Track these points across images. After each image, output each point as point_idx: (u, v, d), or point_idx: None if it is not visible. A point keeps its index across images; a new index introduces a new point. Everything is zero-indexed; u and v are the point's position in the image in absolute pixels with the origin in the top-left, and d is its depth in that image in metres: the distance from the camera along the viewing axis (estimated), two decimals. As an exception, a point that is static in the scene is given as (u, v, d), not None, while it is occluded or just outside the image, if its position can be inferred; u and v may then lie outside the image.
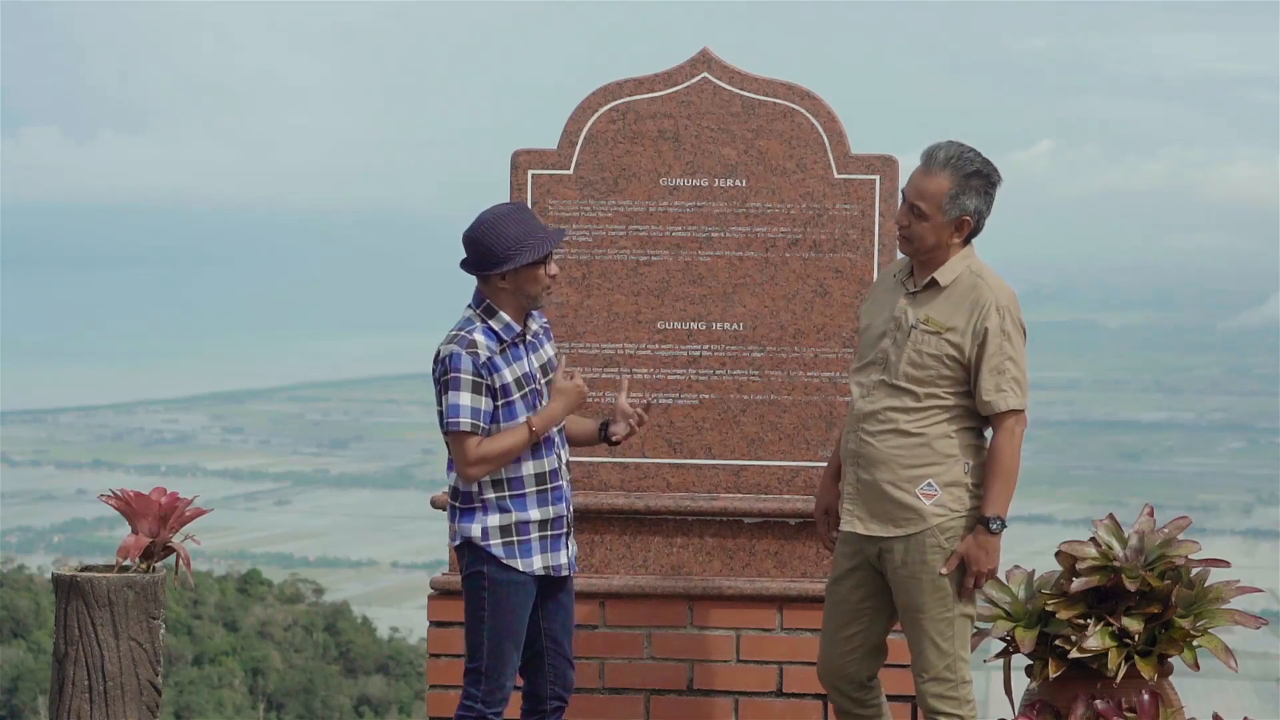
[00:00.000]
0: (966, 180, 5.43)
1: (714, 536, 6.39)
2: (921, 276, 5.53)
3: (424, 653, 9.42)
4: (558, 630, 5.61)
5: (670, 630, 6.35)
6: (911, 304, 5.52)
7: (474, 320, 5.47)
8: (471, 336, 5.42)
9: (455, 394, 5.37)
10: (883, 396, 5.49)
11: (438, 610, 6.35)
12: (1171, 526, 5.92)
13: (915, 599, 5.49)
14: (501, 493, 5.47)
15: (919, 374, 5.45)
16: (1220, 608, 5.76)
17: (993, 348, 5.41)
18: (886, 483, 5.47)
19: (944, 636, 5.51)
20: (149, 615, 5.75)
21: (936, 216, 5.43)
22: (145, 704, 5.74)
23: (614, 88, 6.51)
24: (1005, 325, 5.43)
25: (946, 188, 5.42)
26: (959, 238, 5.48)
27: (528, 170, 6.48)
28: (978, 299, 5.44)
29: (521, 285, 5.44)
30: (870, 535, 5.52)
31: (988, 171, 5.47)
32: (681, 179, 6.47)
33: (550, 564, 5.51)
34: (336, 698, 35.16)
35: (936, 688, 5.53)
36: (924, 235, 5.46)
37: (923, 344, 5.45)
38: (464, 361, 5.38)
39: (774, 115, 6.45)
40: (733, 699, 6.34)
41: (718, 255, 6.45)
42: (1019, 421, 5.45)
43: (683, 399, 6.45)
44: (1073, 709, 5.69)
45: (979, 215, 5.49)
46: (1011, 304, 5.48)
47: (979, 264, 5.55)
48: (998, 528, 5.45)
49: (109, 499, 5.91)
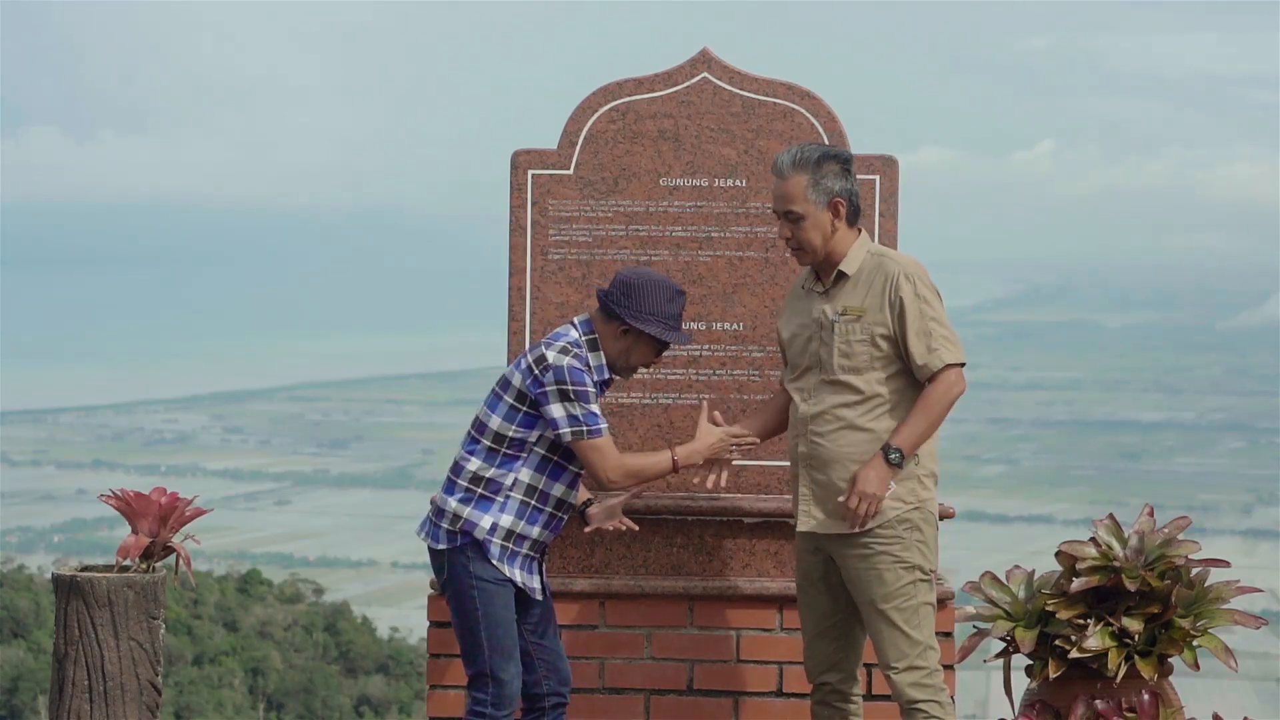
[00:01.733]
0: (818, 167, 5.55)
1: (714, 536, 6.39)
2: (827, 273, 5.64)
3: (424, 653, 9.44)
4: (539, 624, 5.68)
5: (670, 630, 6.35)
6: (826, 301, 5.62)
7: (582, 344, 5.60)
8: (585, 356, 5.58)
9: (585, 404, 5.50)
10: (825, 396, 5.58)
11: (438, 610, 6.34)
12: (1171, 526, 5.92)
13: (878, 590, 5.53)
14: (528, 499, 5.58)
15: (853, 363, 5.54)
16: (1220, 608, 5.77)
17: (912, 313, 5.50)
18: (842, 480, 5.53)
19: (912, 625, 5.55)
20: (149, 615, 5.75)
21: (810, 211, 5.55)
22: (145, 704, 5.74)
23: (614, 88, 6.51)
24: (919, 290, 5.52)
25: (804, 182, 5.54)
26: (840, 221, 5.58)
27: (528, 170, 6.48)
28: (885, 274, 5.55)
29: (631, 351, 5.63)
30: (830, 533, 5.58)
31: (834, 153, 5.61)
32: (681, 179, 6.47)
33: (527, 584, 5.61)
34: (336, 698, 35.16)
35: (912, 676, 5.55)
36: (809, 235, 5.57)
37: (848, 333, 5.55)
38: (585, 376, 5.53)
39: (774, 115, 6.45)
40: (733, 699, 6.33)
41: (718, 255, 6.45)
42: (959, 378, 5.51)
43: (683, 399, 6.45)
44: (1073, 709, 5.69)
45: (849, 194, 5.60)
46: (919, 270, 5.57)
47: (878, 246, 5.69)
48: (896, 459, 5.47)
49: (109, 499, 5.91)
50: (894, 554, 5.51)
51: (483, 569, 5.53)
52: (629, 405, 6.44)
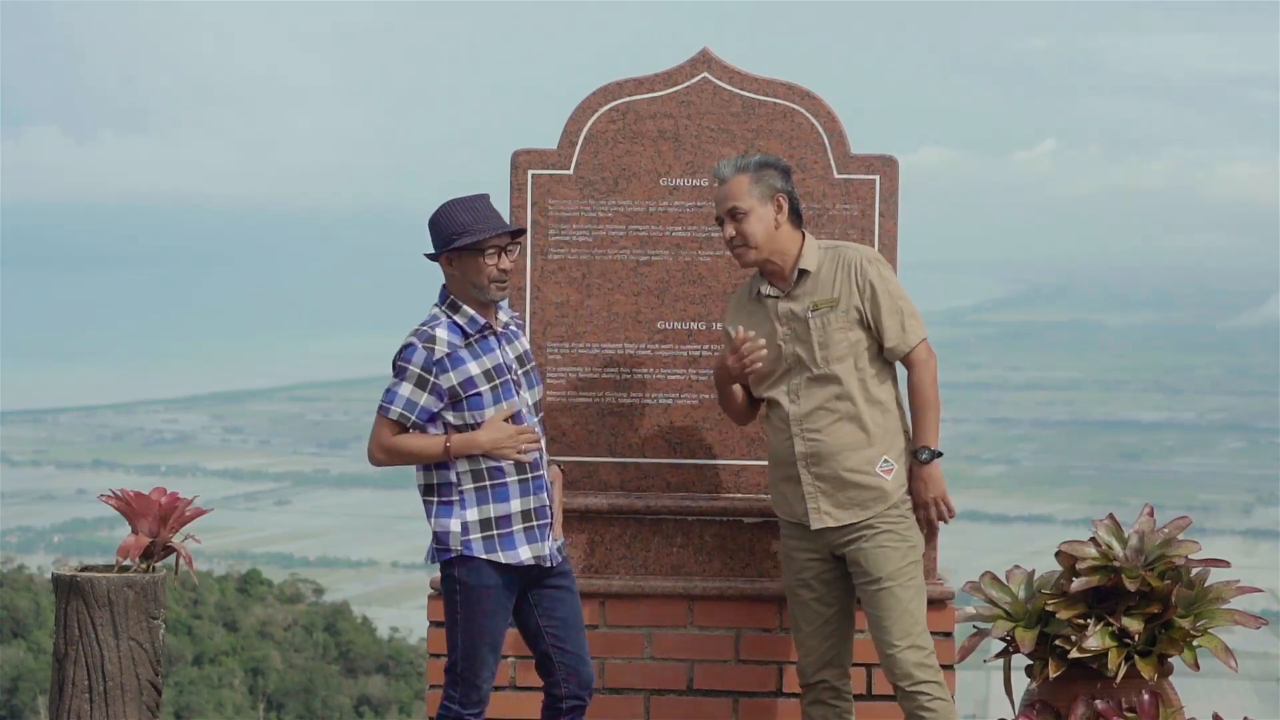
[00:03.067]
0: (758, 170, 5.73)
1: (714, 536, 6.39)
2: (783, 276, 5.76)
3: (424, 653, 9.45)
4: (560, 628, 5.58)
5: (670, 630, 6.35)
6: (791, 302, 5.75)
7: (439, 315, 5.48)
8: (433, 331, 5.44)
9: (397, 382, 5.44)
10: (814, 392, 5.72)
11: (438, 610, 6.33)
12: (1171, 526, 5.92)
13: (887, 568, 5.66)
14: (481, 483, 5.46)
15: (835, 353, 5.69)
16: (1220, 608, 5.77)
17: (883, 295, 5.71)
18: (846, 470, 5.68)
19: (915, 604, 5.69)
20: (149, 615, 5.74)
21: (754, 206, 5.70)
22: (145, 704, 5.74)
23: (614, 88, 6.50)
24: (882, 271, 5.75)
25: (745, 181, 5.71)
26: (782, 216, 5.72)
27: (528, 170, 6.48)
28: (846, 261, 5.74)
29: (467, 273, 5.45)
30: (843, 525, 5.69)
31: (771, 161, 5.77)
32: (681, 179, 6.47)
33: (541, 554, 5.50)
34: (336, 698, 35.14)
35: (916, 655, 5.67)
36: (753, 230, 5.70)
37: (825, 325, 5.70)
38: (416, 354, 5.42)
39: (774, 115, 6.45)
40: (732, 699, 6.33)
41: (718, 255, 6.44)
42: (930, 352, 5.75)
43: (683, 399, 6.45)
44: (1073, 709, 5.69)
45: (790, 194, 5.75)
46: (874, 253, 5.80)
47: (826, 240, 5.87)
48: (927, 458, 5.73)
49: (109, 499, 5.91)
50: (898, 533, 5.70)
51: (466, 574, 5.44)
52: (629, 405, 6.44)
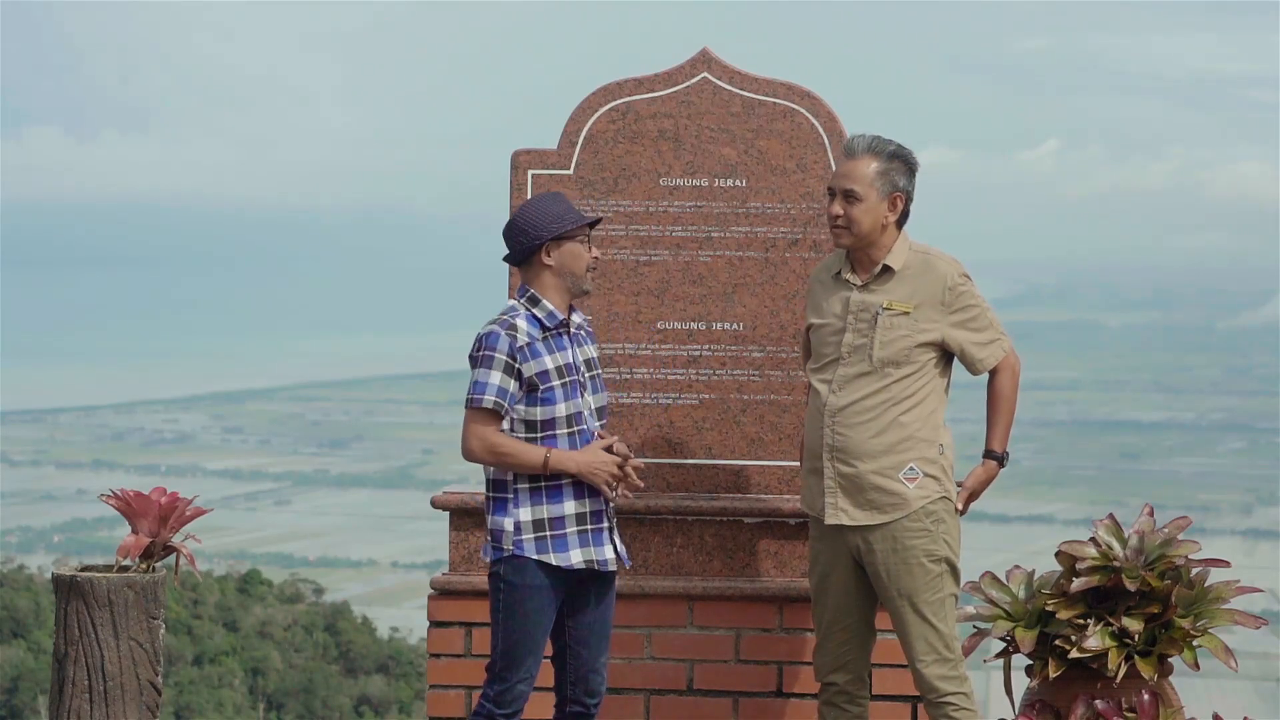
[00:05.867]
0: (890, 160, 5.60)
1: (714, 536, 6.39)
2: (866, 267, 5.66)
3: (424, 653, 9.45)
4: (584, 632, 5.51)
5: (670, 630, 6.35)
6: (868, 294, 5.64)
7: (518, 308, 5.47)
8: (514, 320, 5.42)
9: (485, 371, 5.37)
10: (857, 387, 5.60)
11: (438, 610, 6.34)
12: (1171, 526, 5.92)
13: (907, 583, 5.57)
14: (537, 483, 5.41)
15: (892, 356, 5.57)
16: (1220, 608, 5.77)
17: (973, 309, 5.63)
18: (870, 472, 5.57)
19: (939, 617, 5.59)
20: (149, 615, 5.74)
21: (870, 196, 5.58)
22: (145, 704, 5.74)
23: (614, 88, 6.51)
24: (973, 290, 5.66)
25: (874, 167, 5.58)
26: (893, 215, 5.62)
27: (528, 170, 6.48)
28: (936, 273, 5.63)
29: (565, 263, 5.45)
30: (857, 525, 5.59)
31: (905, 154, 5.64)
32: (681, 179, 6.47)
33: (594, 558, 5.44)
34: (336, 698, 35.14)
35: (940, 669, 5.59)
36: (860, 219, 5.58)
37: (893, 327, 5.58)
38: (501, 341, 5.38)
39: (774, 115, 6.45)
40: (733, 699, 6.33)
41: (718, 255, 6.44)
42: (1017, 359, 5.72)
43: (683, 399, 6.45)
44: (1073, 709, 5.69)
45: (908, 194, 5.65)
46: (962, 268, 5.69)
47: (920, 244, 5.72)
48: (996, 458, 5.75)
49: (109, 499, 5.91)
50: (923, 546, 5.57)
51: (512, 573, 5.38)
52: (629, 405, 6.44)
